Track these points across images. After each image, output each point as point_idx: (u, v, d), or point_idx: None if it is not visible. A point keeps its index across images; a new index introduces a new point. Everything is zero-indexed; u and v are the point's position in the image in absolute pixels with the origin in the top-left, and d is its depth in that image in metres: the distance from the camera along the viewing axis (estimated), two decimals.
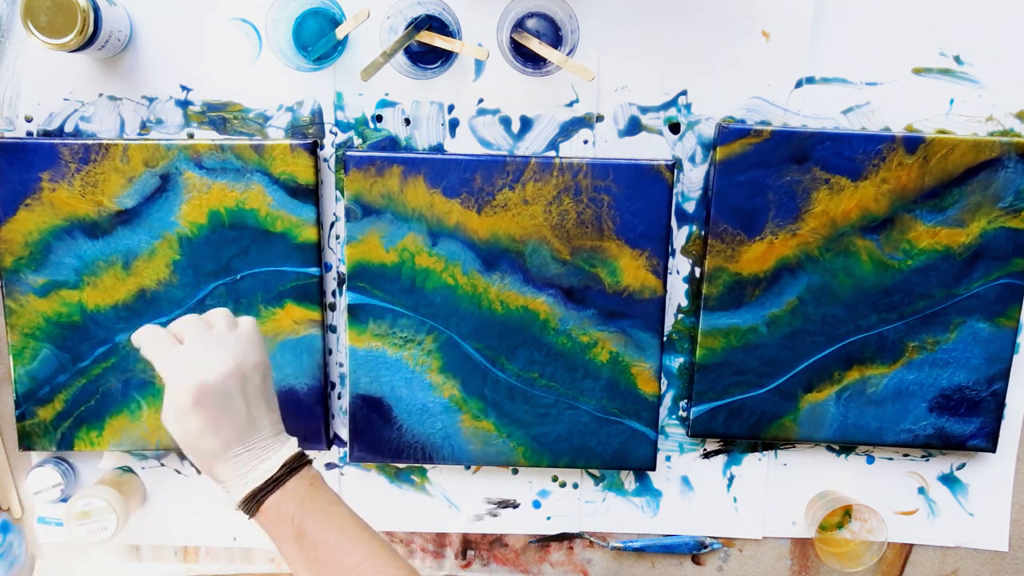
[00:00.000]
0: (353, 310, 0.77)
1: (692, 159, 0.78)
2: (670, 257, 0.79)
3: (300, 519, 0.60)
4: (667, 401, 0.82)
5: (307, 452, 0.82)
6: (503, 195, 0.75)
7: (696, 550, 0.84)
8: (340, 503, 0.63)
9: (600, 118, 0.77)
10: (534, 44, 0.71)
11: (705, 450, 0.83)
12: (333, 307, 0.80)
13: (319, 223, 0.77)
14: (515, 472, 0.83)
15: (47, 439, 0.79)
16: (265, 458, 0.62)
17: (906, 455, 0.82)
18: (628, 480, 0.83)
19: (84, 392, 0.78)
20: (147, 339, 0.64)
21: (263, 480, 0.61)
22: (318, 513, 0.61)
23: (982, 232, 0.75)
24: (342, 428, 0.83)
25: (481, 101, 0.77)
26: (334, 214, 0.79)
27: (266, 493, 0.61)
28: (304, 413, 0.79)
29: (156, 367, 0.63)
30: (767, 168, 0.74)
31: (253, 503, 0.61)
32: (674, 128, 0.77)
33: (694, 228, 0.79)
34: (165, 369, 0.62)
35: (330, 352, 0.81)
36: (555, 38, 0.73)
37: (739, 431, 0.79)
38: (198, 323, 0.64)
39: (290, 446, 0.64)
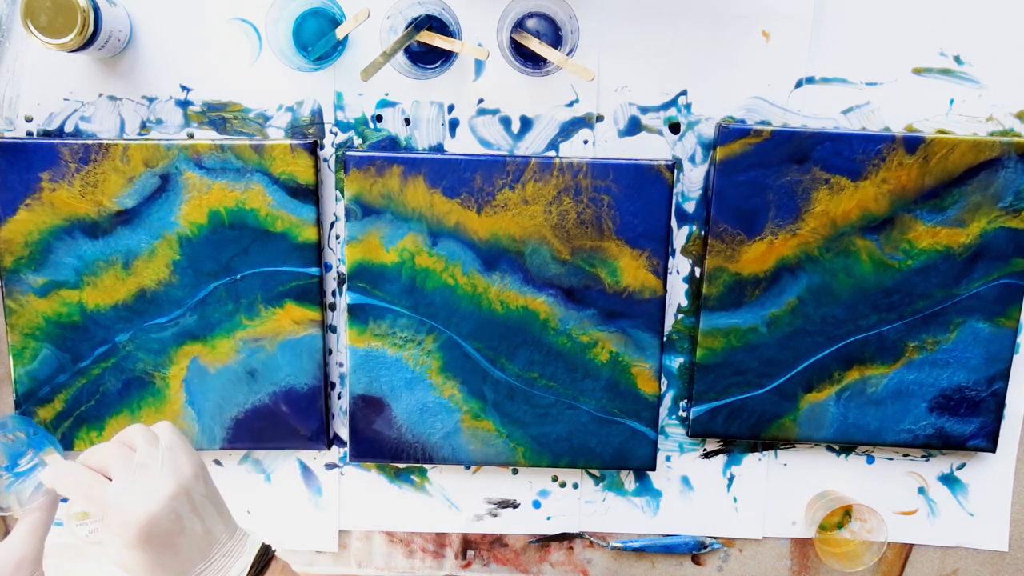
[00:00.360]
0: (353, 310, 0.77)
1: (692, 159, 0.78)
2: (670, 257, 0.79)
3: None
4: (667, 401, 0.82)
5: (311, 453, 0.82)
6: (503, 195, 0.75)
7: (696, 550, 0.84)
8: None
9: (600, 118, 0.77)
10: (534, 44, 0.71)
11: (705, 450, 0.83)
12: (333, 307, 0.80)
13: (319, 223, 0.77)
14: (515, 472, 0.83)
15: None
16: (230, 566, 0.58)
17: (906, 455, 0.82)
18: (628, 480, 0.83)
19: (84, 392, 0.78)
20: (65, 481, 0.58)
21: None
22: None
23: (982, 232, 0.75)
24: (342, 428, 0.83)
25: (481, 101, 0.77)
26: (334, 214, 0.79)
27: None
28: (304, 413, 0.79)
29: (85, 508, 0.58)
30: (767, 168, 0.74)
31: None
32: (674, 128, 0.77)
33: (694, 228, 0.79)
34: (100, 510, 0.57)
35: (330, 352, 0.81)
36: (555, 38, 0.73)
37: (739, 431, 0.79)
38: (119, 450, 0.58)
39: (251, 544, 0.60)
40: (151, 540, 0.55)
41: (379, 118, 0.77)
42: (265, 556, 0.59)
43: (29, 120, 0.77)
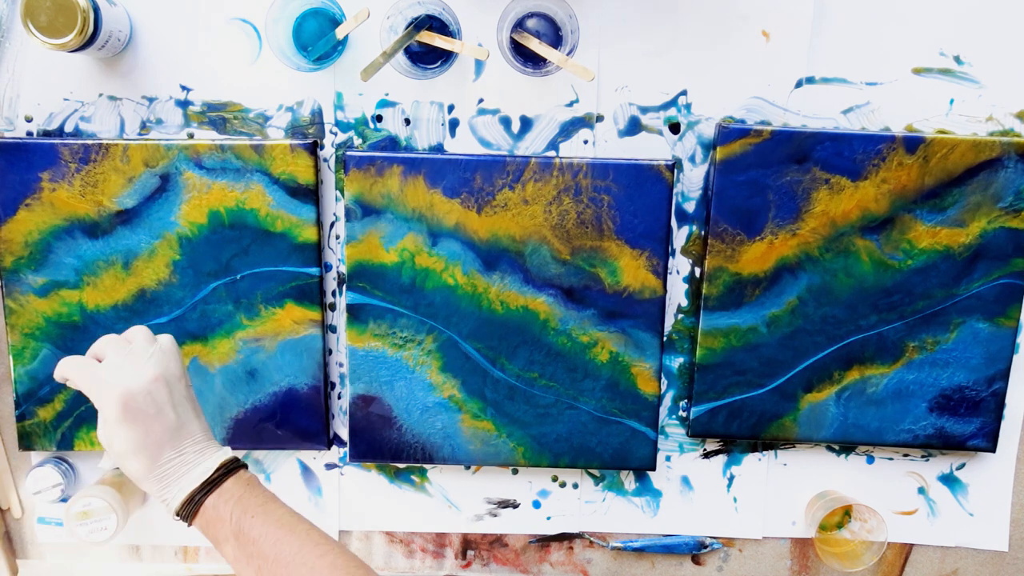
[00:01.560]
0: (353, 310, 0.77)
1: (692, 159, 0.78)
2: (670, 257, 0.79)
3: (238, 517, 0.60)
4: (667, 401, 0.82)
5: (311, 453, 0.82)
6: (503, 195, 0.75)
7: (696, 550, 0.84)
8: (277, 500, 0.63)
9: (600, 118, 0.77)
10: (534, 44, 0.71)
11: (705, 450, 0.83)
12: (333, 307, 0.80)
13: (319, 223, 0.77)
14: (515, 472, 0.83)
15: (47, 439, 0.79)
16: (199, 462, 0.62)
17: (906, 455, 0.82)
18: (628, 480, 0.83)
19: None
20: (69, 367, 0.64)
21: (199, 482, 0.61)
22: (255, 509, 0.61)
23: (982, 232, 0.75)
24: (342, 428, 0.83)
25: (481, 101, 0.77)
26: (334, 214, 0.79)
27: (203, 495, 0.61)
28: (304, 413, 0.79)
29: (83, 390, 0.63)
30: (767, 168, 0.74)
31: (191, 506, 0.61)
32: (674, 128, 0.77)
33: (694, 228, 0.79)
34: (91, 387, 0.62)
35: (330, 352, 0.81)
36: (555, 38, 0.73)
37: (739, 431, 0.79)
38: (116, 340, 0.65)
39: (224, 451, 0.64)
40: (127, 414, 0.61)
41: (379, 118, 0.77)
42: (235, 464, 0.63)
43: (29, 120, 0.77)
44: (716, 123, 0.76)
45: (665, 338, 0.80)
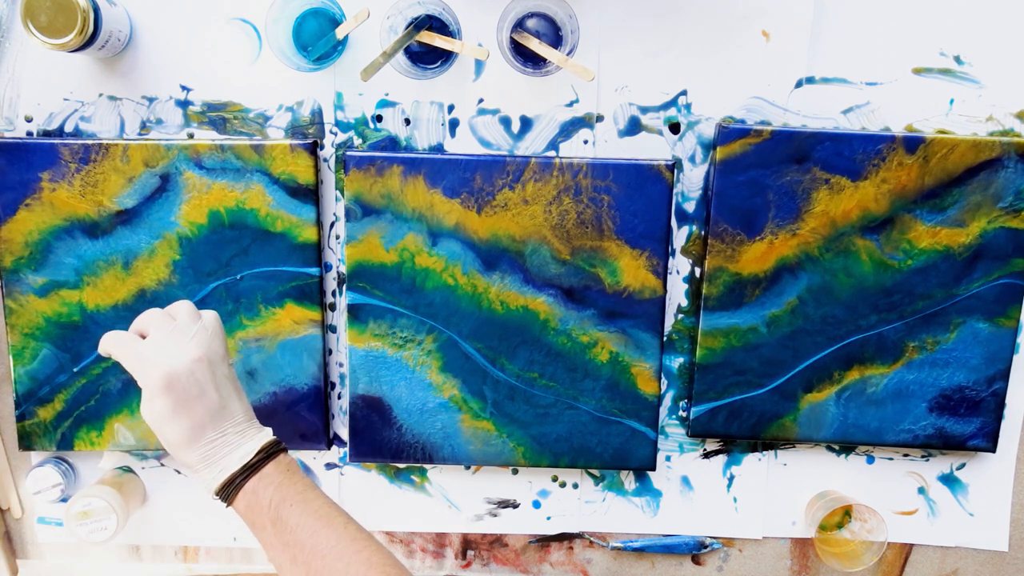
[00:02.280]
0: (353, 310, 0.77)
1: (692, 159, 0.78)
2: (670, 257, 0.79)
3: (277, 504, 0.60)
4: (667, 401, 0.82)
5: (311, 453, 0.82)
6: (503, 195, 0.75)
7: (696, 550, 0.84)
8: (316, 489, 0.63)
9: (600, 118, 0.77)
10: (534, 44, 0.71)
11: (705, 450, 0.83)
12: (333, 307, 0.80)
13: (319, 223, 0.77)
14: (515, 472, 0.83)
15: (47, 439, 0.79)
16: (240, 444, 0.62)
17: (906, 455, 0.82)
18: (628, 480, 0.83)
19: (84, 392, 0.78)
20: (112, 342, 0.64)
21: (240, 465, 0.61)
22: (295, 497, 0.61)
23: (982, 232, 0.75)
24: (342, 428, 0.83)
25: (481, 101, 0.77)
26: (334, 214, 0.79)
27: (244, 479, 0.61)
28: (304, 413, 0.79)
29: (126, 366, 0.63)
30: (767, 168, 0.74)
31: (231, 489, 0.61)
32: (674, 128, 0.77)
33: (694, 228, 0.79)
34: (134, 364, 0.62)
35: (330, 352, 0.81)
36: (555, 38, 0.73)
37: (739, 431, 0.79)
38: (161, 316, 0.65)
39: (265, 433, 0.64)
40: (170, 393, 0.61)
41: (379, 118, 0.77)
42: (275, 447, 0.64)
43: (29, 120, 0.77)
44: (716, 123, 0.76)
45: (665, 338, 0.80)
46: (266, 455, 0.63)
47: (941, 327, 0.77)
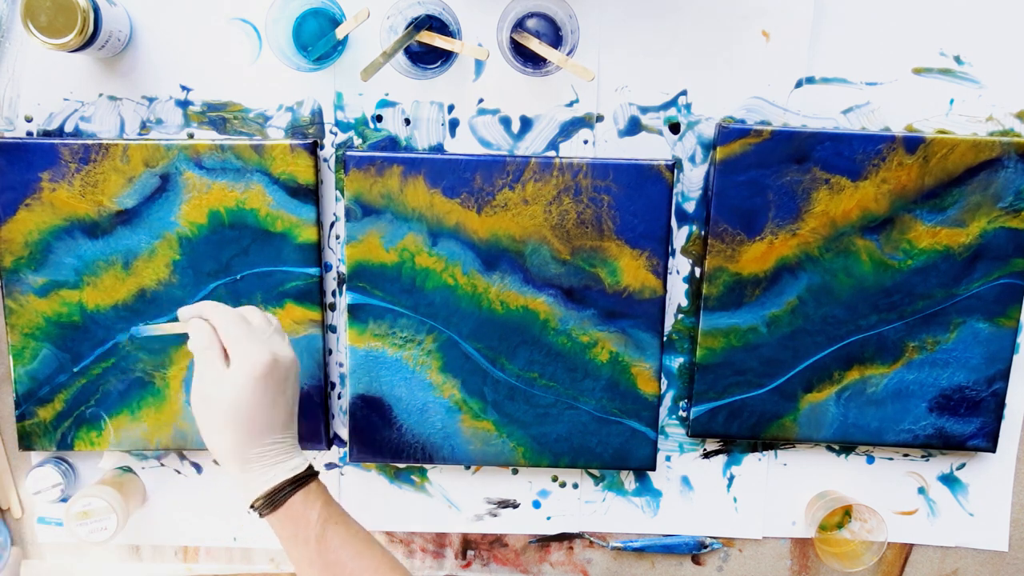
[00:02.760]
0: (353, 310, 0.77)
1: (692, 159, 0.78)
2: (670, 257, 0.79)
3: (324, 520, 0.61)
4: (667, 401, 0.82)
5: (311, 453, 0.82)
6: (503, 195, 0.75)
7: (696, 550, 0.84)
8: (350, 515, 0.65)
9: (600, 118, 0.77)
10: (534, 44, 0.71)
11: (705, 450, 0.83)
12: (333, 307, 0.80)
13: (319, 223, 0.77)
14: (515, 472, 0.83)
15: (47, 439, 0.79)
16: (293, 456, 0.63)
17: (906, 455, 0.82)
18: (628, 480, 0.83)
19: (84, 392, 0.78)
20: (216, 310, 0.65)
21: (292, 475, 0.62)
22: (339, 517, 0.62)
23: (982, 232, 0.75)
24: (342, 428, 0.83)
25: (481, 101, 0.77)
26: (334, 214, 0.79)
27: (293, 489, 0.62)
28: (304, 413, 0.79)
29: (224, 337, 0.63)
30: (767, 168, 0.74)
31: (278, 497, 0.61)
32: (674, 128, 0.77)
33: (694, 228, 0.79)
34: (238, 339, 0.62)
35: (330, 352, 0.81)
36: (555, 38, 0.73)
37: (739, 431, 0.79)
38: (262, 314, 0.67)
39: (306, 456, 0.65)
40: (270, 376, 0.62)
41: (379, 118, 0.77)
42: (313, 470, 0.65)
43: (29, 120, 0.77)
44: (716, 123, 0.76)
45: (665, 338, 0.80)
46: (311, 473, 0.64)
47: (941, 327, 0.77)
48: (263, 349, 0.62)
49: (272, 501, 0.61)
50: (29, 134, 0.77)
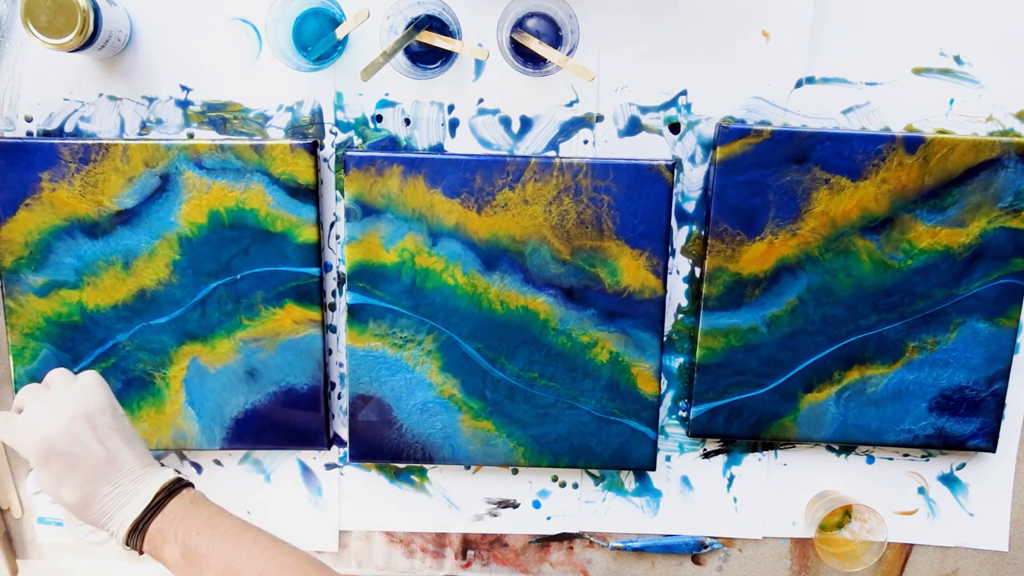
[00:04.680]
0: (353, 310, 0.77)
1: (692, 159, 0.78)
2: (670, 257, 0.79)
3: (183, 535, 0.59)
4: (667, 401, 0.82)
5: (311, 453, 0.82)
6: (503, 195, 0.75)
7: (696, 550, 0.84)
8: (223, 513, 0.62)
9: (600, 118, 0.77)
10: (534, 44, 0.71)
11: (705, 450, 0.83)
12: (333, 307, 0.80)
13: (319, 223, 0.77)
14: (515, 472, 0.83)
15: None
16: (138, 491, 0.61)
17: (906, 455, 0.82)
18: (628, 480, 0.83)
19: None
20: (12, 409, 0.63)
21: (141, 510, 0.60)
22: (201, 525, 0.59)
23: (982, 232, 0.75)
24: (342, 428, 0.83)
25: (481, 101, 0.77)
26: (334, 214, 0.79)
27: (147, 521, 0.59)
28: (304, 413, 0.79)
29: (9, 444, 0.62)
30: (767, 168, 0.74)
31: (136, 535, 0.59)
32: (674, 128, 0.77)
33: (694, 228, 0.79)
34: (14, 440, 0.61)
35: (330, 352, 0.81)
36: (555, 38, 0.73)
37: (739, 431, 0.79)
38: (34, 388, 0.63)
39: (164, 473, 0.62)
40: (49, 458, 0.59)
41: (379, 118, 0.77)
42: (177, 484, 0.62)
43: (29, 120, 0.77)
44: (716, 123, 0.76)
45: (665, 338, 0.80)
46: (167, 493, 0.61)
47: (941, 327, 0.77)
48: (29, 440, 0.60)
49: (134, 543, 0.60)
50: (29, 134, 0.77)
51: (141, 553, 0.61)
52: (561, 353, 0.78)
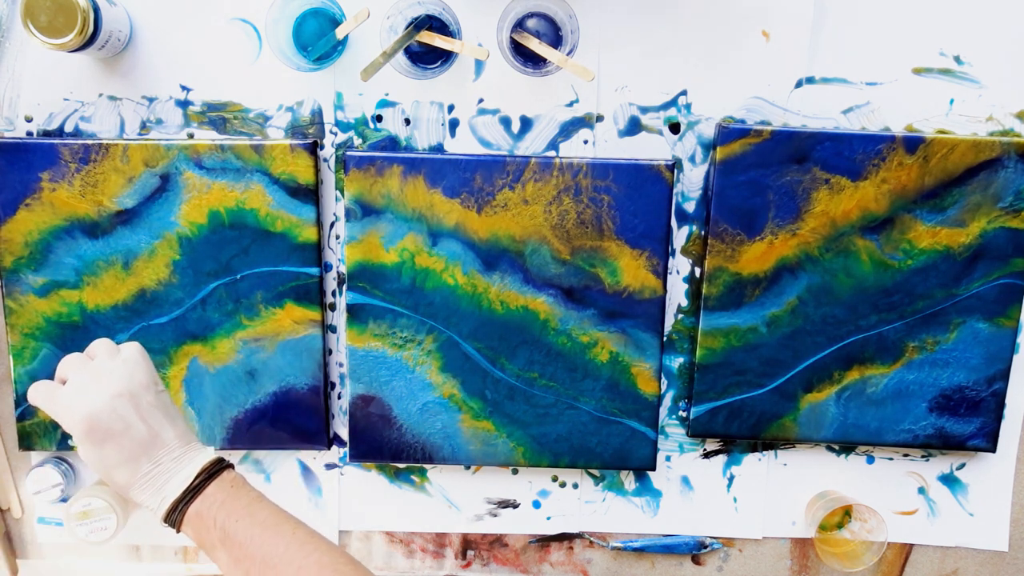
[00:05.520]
0: (353, 310, 0.77)
1: (692, 159, 0.78)
2: (670, 257, 0.79)
3: (223, 521, 0.59)
4: (667, 401, 0.82)
5: (311, 453, 0.82)
6: (503, 195, 0.75)
7: (696, 550, 0.84)
8: (263, 500, 0.62)
9: (600, 118, 0.77)
10: (534, 44, 0.71)
11: (705, 450, 0.83)
12: (333, 307, 0.80)
13: (319, 223, 0.77)
14: (515, 472, 0.83)
15: (47, 439, 0.79)
16: (178, 470, 0.61)
17: (906, 455, 0.82)
18: (628, 480, 0.83)
19: None
20: (33, 393, 0.63)
21: (181, 490, 0.60)
22: (240, 511, 0.60)
23: (982, 232, 0.75)
24: (342, 428, 0.83)
25: (481, 101, 0.77)
26: (334, 214, 0.79)
27: (187, 502, 0.60)
28: (304, 413, 0.79)
29: (51, 416, 0.62)
30: (767, 168, 0.74)
31: (176, 514, 0.60)
32: (674, 128, 0.77)
33: (694, 228, 0.79)
34: (57, 412, 0.61)
35: (330, 352, 0.81)
36: (555, 38, 0.73)
37: (739, 431, 0.79)
38: (78, 359, 0.63)
39: (206, 453, 0.63)
40: (93, 434, 0.59)
41: (379, 118, 0.77)
42: (218, 465, 0.62)
43: (29, 120, 0.77)
44: (716, 123, 0.76)
45: (665, 338, 0.80)
46: (208, 475, 0.61)
47: (941, 327, 0.77)
48: (73, 414, 0.60)
49: (172, 521, 0.60)
50: (29, 134, 0.77)
51: (178, 532, 0.61)
52: (561, 353, 0.78)
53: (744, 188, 0.75)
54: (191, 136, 0.77)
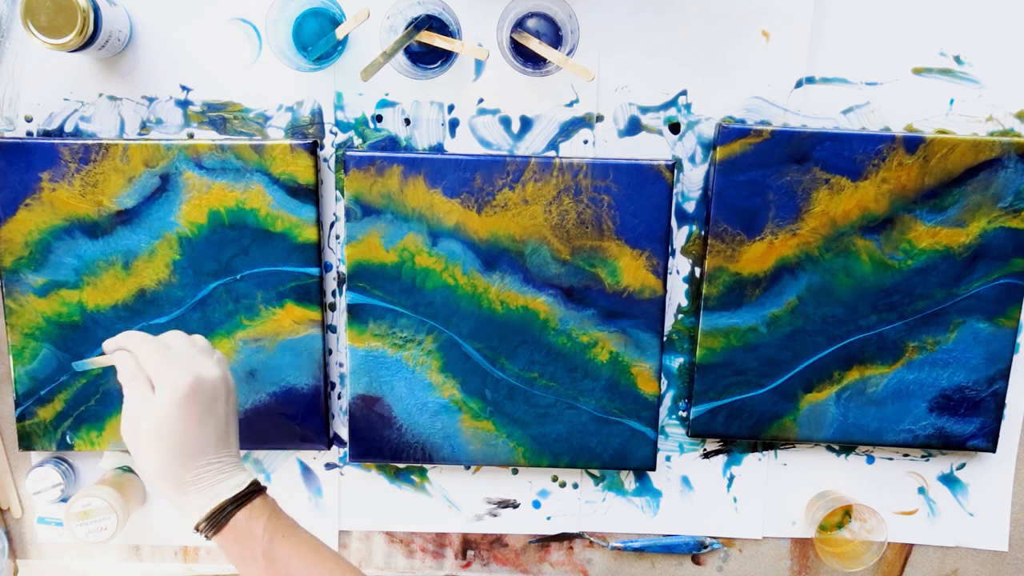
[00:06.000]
0: (353, 310, 0.77)
1: (692, 159, 0.78)
2: (670, 257, 0.79)
3: (270, 535, 0.60)
4: (667, 401, 0.82)
5: (311, 453, 0.82)
6: (503, 195, 0.75)
7: (696, 550, 0.84)
8: (300, 525, 0.64)
9: (600, 118, 0.77)
10: (534, 44, 0.71)
11: (705, 450, 0.83)
12: (333, 307, 0.80)
13: (319, 223, 0.77)
14: (515, 472, 0.83)
15: (47, 439, 0.79)
16: (232, 474, 0.62)
17: (906, 455, 0.82)
18: (628, 480, 0.83)
19: (84, 392, 0.78)
20: (135, 339, 0.64)
21: (233, 493, 0.61)
22: (286, 530, 0.61)
23: (982, 232, 0.75)
24: (342, 428, 0.83)
25: (481, 101, 0.77)
26: (334, 214, 0.79)
27: (235, 508, 0.60)
28: (304, 413, 0.79)
29: (147, 366, 0.62)
30: (767, 168, 0.74)
31: (220, 518, 0.60)
32: (674, 128, 0.77)
33: (694, 228, 0.79)
34: (159, 365, 0.62)
35: (330, 352, 0.81)
36: (555, 38, 0.73)
37: (739, 431, 0.79)
38: (186, 336, 0.66)
39: (251, 472, 0.64)
40: (193, 398, 0.61)
41: (379, 118, 0.77)
42: (258, 485, 0.63)
43: (29, 120, 0.77)
44: (716, 123, 0.76)
45: (665, 338, 0.80)
46: (255, 489, 0.62)
47: (941, 327, 0.77)
48: (184, 371, 0.62)
49: (215, 522, 0.60)
50: (29, 134, 0.77)
51: (210, 538, 0.61)
52: (561, 353, 0.78)
53: (744, 188, 0.75)
54: (191, 136, 0.77)
